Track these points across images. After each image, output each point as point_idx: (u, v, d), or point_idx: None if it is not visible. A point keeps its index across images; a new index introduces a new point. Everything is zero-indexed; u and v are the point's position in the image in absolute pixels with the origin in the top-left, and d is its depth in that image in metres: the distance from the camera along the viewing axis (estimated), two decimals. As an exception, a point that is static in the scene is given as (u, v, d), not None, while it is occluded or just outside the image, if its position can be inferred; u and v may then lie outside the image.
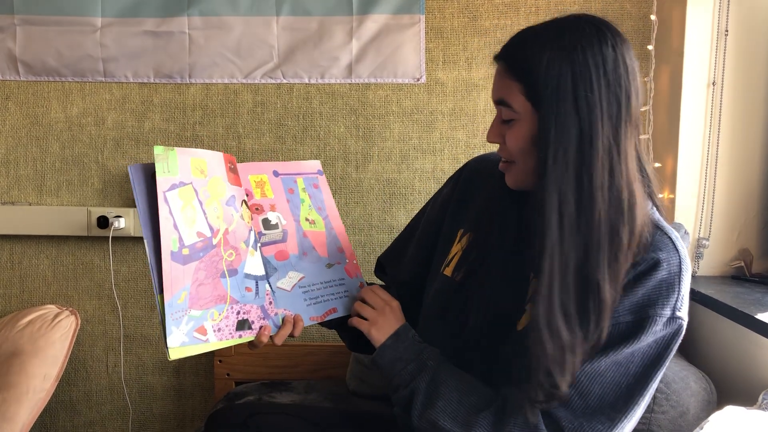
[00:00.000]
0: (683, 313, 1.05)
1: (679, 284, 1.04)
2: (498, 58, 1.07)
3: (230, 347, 2.09)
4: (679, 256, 1.05)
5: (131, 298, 2.17)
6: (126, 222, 2.09)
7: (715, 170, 1.84)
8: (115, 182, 2.13)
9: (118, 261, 2.15)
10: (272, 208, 1.22)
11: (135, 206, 2.09)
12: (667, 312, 1.02)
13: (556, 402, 1.01)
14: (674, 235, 1.07)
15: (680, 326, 1.04)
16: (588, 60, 0.98)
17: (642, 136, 1.05)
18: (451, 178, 1.32)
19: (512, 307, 1.11)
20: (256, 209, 1.20)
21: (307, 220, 1.25)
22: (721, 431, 1.18)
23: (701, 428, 1.18)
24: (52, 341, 1.93)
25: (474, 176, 1.27)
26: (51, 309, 2.04)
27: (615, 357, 1.01)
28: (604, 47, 0.99)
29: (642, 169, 1.06)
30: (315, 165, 1.32)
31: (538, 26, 1.05)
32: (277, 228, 1.21)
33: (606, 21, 1.03)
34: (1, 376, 1.84)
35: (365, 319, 1.16)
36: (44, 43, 2.07)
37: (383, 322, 1.15)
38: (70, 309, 2.06)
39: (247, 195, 1.19)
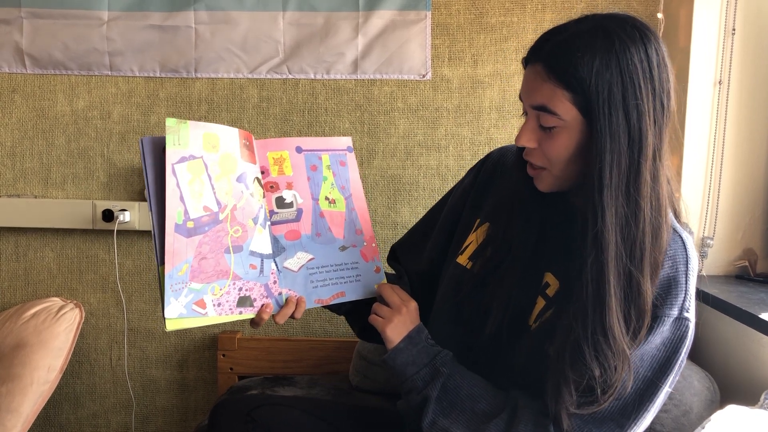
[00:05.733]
0: (691, 314, 1.03)
1: (686, 283, 1.03)
2: (536, 60, 1.01)
3: (234, 341, 2.10)
4: (687, 254, 1.04)
5: (135, 291, 2.18)
6: (131, 216, 2.09)
7: (721, 169, 1.84)
8: (120, 176, 2.13)
9: (122, 254, 2.16)
10: (289, 186, 1.19)
11: (140, 200, 2.11)
12: (675, 312, 1.02)
13: (593, 408, 1.00)
14: (684, 234, 1.06)
15: (688, 327, 1.03)
16: (636, 65, 0.96)
17: None
18: (473, 168, 1.31)
19: (526, 301, 1.11)
20: (271, 187, 1.18)
21: (326, 199, 1.22)
22: (723, 430, 1.17)
23: (703, 427, 1.18)
24: (56, 333, 1.94)
25: (496, 167, 1.26)
26: (55, 301, 2.05)
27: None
28: (649, 50, 0.97)
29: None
30: (345, 141, 1.27)
31: (579, 26, 0.99)
32: (291, 207, 1.19)
33: (642, 20, 1.01)
34: (6, 368, 1.85)
35: (381, 316, 1.14)
36: (51, 37, 2.08)
37: (398, 322, 1.13)
38: (75, 302, 2.06)
39: (262, 172, 1.17)
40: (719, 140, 1.83)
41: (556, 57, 0.98)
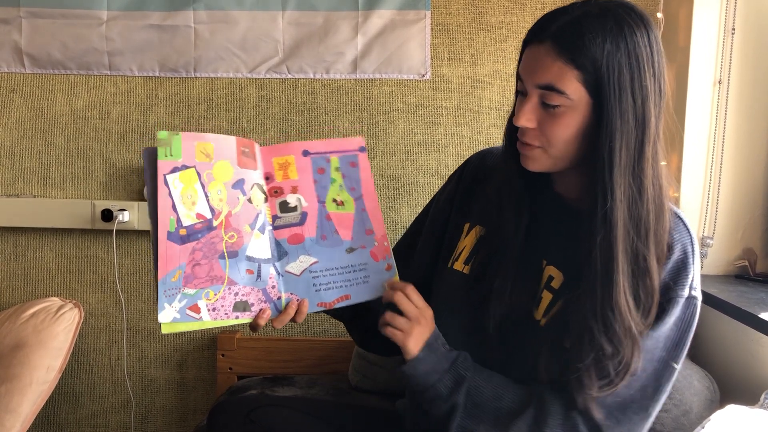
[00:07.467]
0: (698, 291, 1.08)
1: (693, 263, 1.07)
2: (545, 38, 1.00)
3: (234, 341, 2.10)
4: (690, 234, 1.08)
5: (135, 291, 2.18)
6: (130, 215, 2.09)
7: (720, 169, 1.84)
8: (119, 175, 2.13)
9: (121, 254, 2.15)
10: (293, 190, 1.19)
11: (139, 200, 2.11)
12: (685, 292, 1.06)
13: (610, 389, 1.03)
14: (684, 216, 1.10)
15: (696, 306, 1.07)
16: (642, 49, 0.99)
17: None
18: (453, 175, 1.30)
19: (527, 295, 1.12)
20: (275, 192, 1.18)
21: (334, 201, 1.20)
22: (723, 430, 1.18)
23: (702, 427, 1.18)
24: (55, 333, 1.94)
25: (478, 170, 1.25)
26: (54, 301, 2.05)
27: (641, 344, 1.03)
28: (650, 36, 1.00)
29: None
30: (357, 142, 1.24)
31: (585, 8, 1.01)
32: (295, 210, 1.18)
33: (640, 8, 1.04)
34: (5, 367, 1.85)
35: (399, 328, 1.09)
36: (50, 36, 2.08)
37: (418, 333, 1.09)
38: (74, 302, 2.06)
39: (267, 178, 1.18)
40: (719, 140, 1.83)
41: (568, 36, 0.99)
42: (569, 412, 1.05)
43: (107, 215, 2.09)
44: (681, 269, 1.06)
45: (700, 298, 1.08)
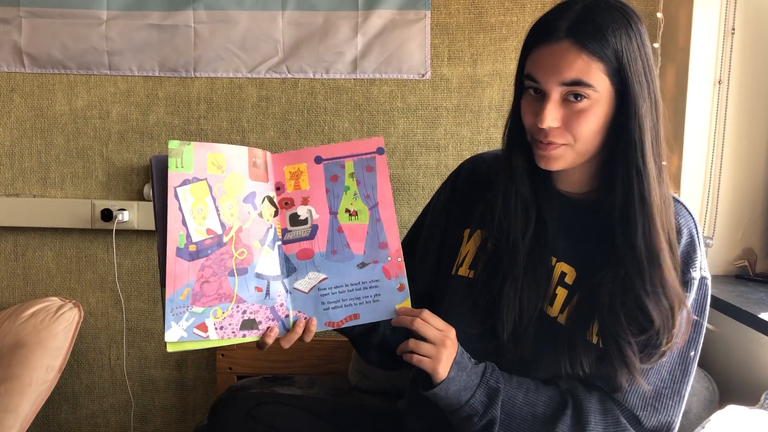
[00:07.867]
0: (706, 271, 1.13)
1: (699, 245, 1.12)
2: (561, 37, 1.02)
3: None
4: (693, 217, 1.13)
5: (134, 291, 2.17)
6: (130, 215, 2.09)
7: (720, 169, 1.84)
8: (119, 175, 2.13)
9: (121, 254, 2.15)
10: (304, 202, 1.14)
11: (138, 199, 2.11)
12: (697, 274, 1.10)
13: (655, 359, 1.07)
14: (685, 203, 1.16)
15: (708, 286, 1.12)
16: (643, 38, 1.05)
17: None
18: (446, 183, 1.29)
19: (537, 294, 1.12)
20: (286, 204, 1.14)
21: (347, 211, 1.16)
22: (723, 430, 1.18)
23: (702, 427, 1.19)
24: (55, 333, 1.94)
25: (473, 176, 1.25)
26: (54, 301, 2.04)
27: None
28: (642, 26, 1.06)
29: None
30: (375, 143, 1.17)
31: (588, 3, 1.04)
32: (306, 224, 1.15)
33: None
34: (4, 367, 1.85)
35: (423, 355, 1.07)
36: (50, 36, 2.07)
37: (446, 357, 1.07)
38: (74, 301, 2.06)
39: (278, 188, 1.14)
40: (719, 140, 1.83)
41: (587, 31, 1.01)
42: (606, 406, 1.08)
43: (107, 215, 2.09)
44: (691, 252, 1.11)
45: (709, 278, 1.13)
